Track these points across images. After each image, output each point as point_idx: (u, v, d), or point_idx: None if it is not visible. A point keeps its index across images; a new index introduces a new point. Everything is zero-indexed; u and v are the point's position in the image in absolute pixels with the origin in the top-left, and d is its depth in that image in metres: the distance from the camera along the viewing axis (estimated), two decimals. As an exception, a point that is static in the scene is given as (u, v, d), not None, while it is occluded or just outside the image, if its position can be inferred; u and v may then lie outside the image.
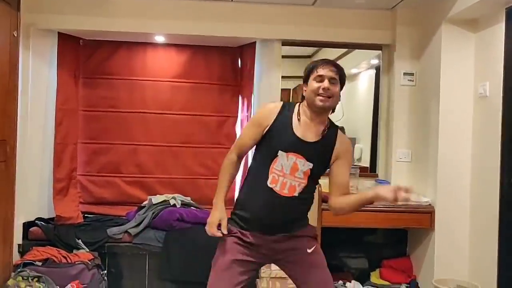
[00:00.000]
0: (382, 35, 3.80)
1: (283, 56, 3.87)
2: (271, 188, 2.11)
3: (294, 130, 2.14)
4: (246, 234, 2.14)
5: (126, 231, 3.59)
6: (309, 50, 4.31)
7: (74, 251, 3.49)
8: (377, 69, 4.02)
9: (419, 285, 3.48)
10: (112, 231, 3.58)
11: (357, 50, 4.04)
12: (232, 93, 4.16)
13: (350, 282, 3.47)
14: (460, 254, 3.29)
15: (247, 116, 4.02)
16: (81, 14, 3.61)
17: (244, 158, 2.36)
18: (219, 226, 2.14)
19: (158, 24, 3.70)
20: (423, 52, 3.64)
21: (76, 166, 3.99)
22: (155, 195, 3.88)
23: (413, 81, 3.74)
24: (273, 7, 3.72)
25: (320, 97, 2.09)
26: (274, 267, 3.49)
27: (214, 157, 4.10)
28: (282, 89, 3.90)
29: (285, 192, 2.11)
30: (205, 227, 2.15)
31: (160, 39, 3.96)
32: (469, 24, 3.28)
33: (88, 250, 3.51)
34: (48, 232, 3.57)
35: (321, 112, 2.13)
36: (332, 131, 2.18)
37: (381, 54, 3.94)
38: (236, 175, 2.29)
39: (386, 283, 3.52)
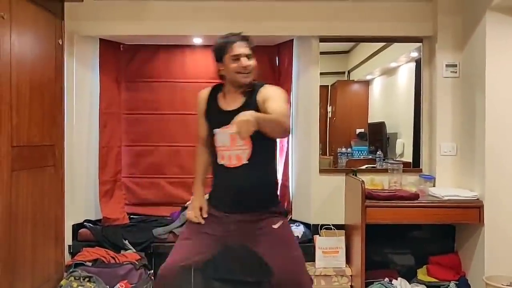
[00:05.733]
0: (422, 26, 3.70)
1: (320, 53, 3.83)
2: (222, 164, 2.27)
3: (220, 106, 2.32)
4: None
5: (171, 231, 3.64)
6: (346, 46, 4.27)
7: (122, 252, 3.57)
8: (417, 62, 3.92)
9: (469, 282, 3.39)
10: (158, 231, 3.65)
11: (395, 43, 3.96)
12: (270, 91, 4.15)
13: (397, 279, 3.41)
14: (512, 250, 3.18)
15: (286, 114, 4.00)
16: (121, 20, 3.69)
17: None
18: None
19: (195, 26, 3.73)
20: (466, 42, 3.53)
21: (120, 169, 4.09)
22: (198, 195, 3.92)
23: (456, 72, 3.63)
24: (309, 3, 3.69)
25: (242, 75, 2.26)
26: (318, 264, 3.50)
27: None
28: (320, 86, 3.86)
29: (234, 163, 2.24)
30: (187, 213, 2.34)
31: (197, 41, 4.00)
32: (515, 11, 3.18)
33: (135, 251, 3.58)
34: (96, 233, 3.67)
35: (246, 86, 2.27)
36: (256, 88, 2.29)
37: (421, 47, 3.84)
38: (207, 162, 2.46)
39: (434, 280, 3.43)
